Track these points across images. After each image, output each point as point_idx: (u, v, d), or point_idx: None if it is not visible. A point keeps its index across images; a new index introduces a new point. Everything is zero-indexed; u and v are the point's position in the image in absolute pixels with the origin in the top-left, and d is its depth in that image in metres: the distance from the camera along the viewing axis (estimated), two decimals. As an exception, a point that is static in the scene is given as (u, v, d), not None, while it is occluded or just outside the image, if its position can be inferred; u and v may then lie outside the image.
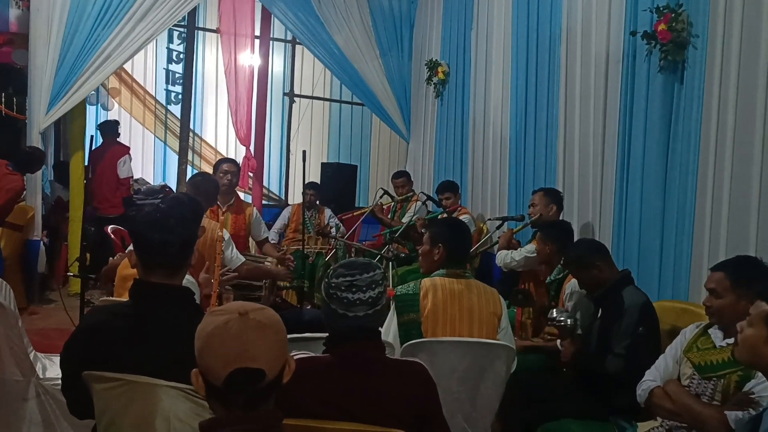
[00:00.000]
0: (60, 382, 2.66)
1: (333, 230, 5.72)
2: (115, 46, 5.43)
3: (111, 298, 2.67)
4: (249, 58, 6.06)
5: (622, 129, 3.69)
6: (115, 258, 3.80)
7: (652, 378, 2.40)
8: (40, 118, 5.33)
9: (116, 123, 6.48)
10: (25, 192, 5.17)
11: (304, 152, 4.26)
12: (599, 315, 2.92)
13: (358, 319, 1.66)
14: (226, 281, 2.77)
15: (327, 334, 1.77)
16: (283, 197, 8.59)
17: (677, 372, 2.39)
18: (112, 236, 4.58)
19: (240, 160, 8.27)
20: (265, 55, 6.59)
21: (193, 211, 2.00)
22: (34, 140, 5.38)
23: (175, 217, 1.91)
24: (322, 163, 7.86)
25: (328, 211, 5.85)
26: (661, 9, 3.29)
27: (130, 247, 3.48)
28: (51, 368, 2.83)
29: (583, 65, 4.05)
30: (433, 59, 6.08)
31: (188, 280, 2.19)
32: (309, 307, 4.83)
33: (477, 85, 5.43)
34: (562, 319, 2.89)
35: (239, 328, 1.18)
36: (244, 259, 3.35)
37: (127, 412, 1.78)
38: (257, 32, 6.44)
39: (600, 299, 2.92)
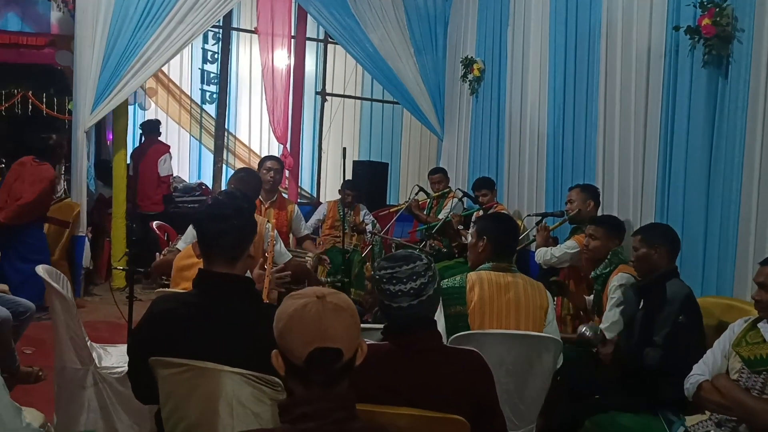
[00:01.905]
0: (116, 370, 2.79)
1: (369, 227, 5.78)
2: (156, 47, 5.57)
3: (167, 290, 2.75)
4: (285, 58, 6.16)
5: (664, 124, 3.67)
6: (164, 252, 3.92)
7: (700, 372, 2.41)
8: (86, 117, 5.49)
9: (158, 122, 6.64)
10: (58, 182, 5.29)
11: (344, 149, 4.32)
12: (641, 306, 2.93)
13: (402, 310, 1.71)
14: (279, 278, 2.82)
15: (383, 325, 1.83)
16: (315, 195, 8.68)
17: (726, 366, 2.40)
18: (157, 232, 4.70)
19: (275, 158, 8.49)
20: (300, 54, 6.67)
21: (248, 203, 2.09)
22: (79, 139, 5.55)
23: (231, 208, 2.00)
24: (354, 161, 7.92)
25: (363, 209, 5.91)
26: (705, 3, 3.27)
27: (179, 242, 3.59)
28: (106, 358, 2.94)
29: (623, 60, 4.03)
30: (469, 56, 6.09)
31: None
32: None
33: (513, 81, 5.43)
34: (583, 330, 2.91)
35: (318, 310, 1.24)
36: (290, 256, 3.42)
37: (192, 397, 1.86)
38: (293, 32, 6.53)
39: (644, 290, 2.93)
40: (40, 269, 2.74)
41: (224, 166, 7.96)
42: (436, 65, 6.73)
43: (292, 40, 6.36)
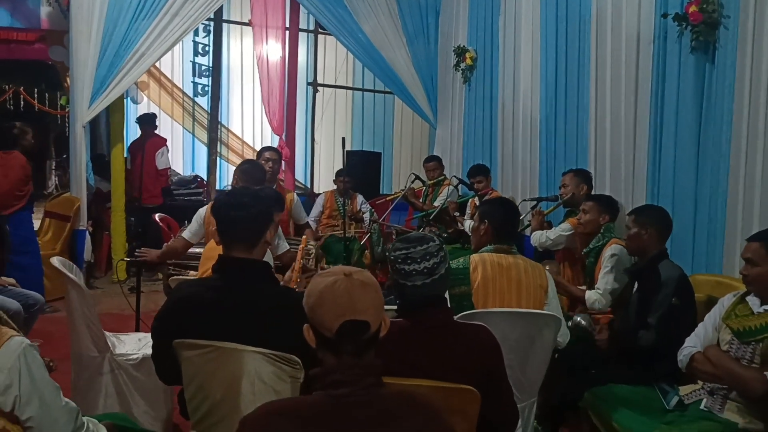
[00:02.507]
0: (131, 357, 2.88)
1: (366, 215, 5.88)
2: (151, 41, 5.61)
3: (182, 277, 2.84)
4: (279, 50, 6.21)
5: (654, 109, 3.79)
6: (169, 243, 4.00)
7: (692, 344, 2.53)
8: (83, 112, 5.52)
9: (154, 116, 6.68)
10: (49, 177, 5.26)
11: (343, 139, 4.40)
12: (635, 289, 3.06)
13: (416, 288, 1.83)
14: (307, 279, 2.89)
15: (396, 307, 1.93)
16: (308, 185, 8.76)
17: (716, 338, 2.52)
18: (160, 224, 4.77)
19: (269, 149, 8.54)
20: (293, 45, 6.73)
21: (265, 192, 2.18)
22: (78, 134, 5.58)
23: (248, 196, 2.10)
24: (347, 151, 7.98)
25: (360, 197, 6.00)
26: (693, -9, 3.38)
27: (184, 231, 3.67)
28: (120, 345, 3.02)
29: (613, 47, 4.14)
30: (461, 45, 6.18)
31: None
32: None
33: (506, 69, 5.53)
34: (578, 320, 3.02)
35: (346, 286, 1.35)
36: (288, 247, 3.50)
37: (216, 376, 1.96)
38: (287, 24, 6.58)
39: (637, 273, 3.06)
40: (55, 260, 2.82)
41: (218, 159, 8.01)
42: (429, 54, 6.82)
43: (286, 31, 6.41)
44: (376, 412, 1.30)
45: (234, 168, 8.41)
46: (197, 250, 3.73)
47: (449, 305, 2.51)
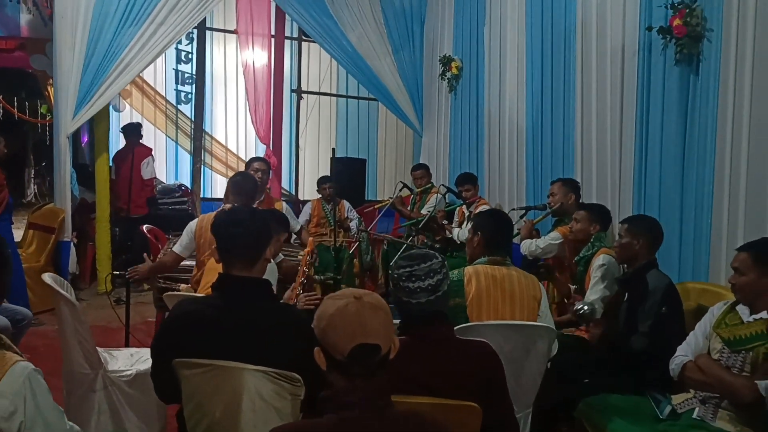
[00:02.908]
0: (124, 373, 2.86)
1: (353, 222, 5.89)
2: (137, 51, 5.57)
3: (175, 293, 2.82)
4: (264, 58, 6.21)
5: (639, 119, 3.86)
6: (160, 255, 3.97)
7: (684, 353, 2.57)
8: (67, 122, 5.46)
9: (139, 125, 6.62)
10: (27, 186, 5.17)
11: (333, 150, 4.40)
12: (626, 298, 3.11)
13: (421, 305, 1.85)
14: (309, 301, 2.87)
15: (398, 321, 1.95)
16: (293, 193, 8.74)
17: (707, 347, 2.56)
18: (148, 235, 4.73)
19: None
20: (279, 53, 6.73)
21: (263, 209, 2.19)
22: (62, 144, 5.51)
23: (247, 213, 2.11)
24: (332, 158, 8.00)
25: (346, 204, 6.00)
26: (677, 5, 3.45)
27: (175, 245, 3.65)
28: (112, 361, 2.99)
29: (599, 58, 4.21)
30: (446, 55, 6.23)
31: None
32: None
33: (491, 79, 5.59)
34: (579, 306, 3.10)
35: (357, 309, 1.36)
36: (283, 257, 3.50)
37: (216, 395, 1.95)
38: (272, 31, 6.58)
39: (626, 282, 3.11)
40: (47, 277, 2.79)
41: (202, 167, 7.96)
42: (414, 63, 6.86)
43: (272, 39, 6.41)
44: None
45: (216, 175, 8.48)
46: (188, 262, 3.72)
47: (445, 318, 2.54)
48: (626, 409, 2.59)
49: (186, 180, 8.10)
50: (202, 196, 7.51)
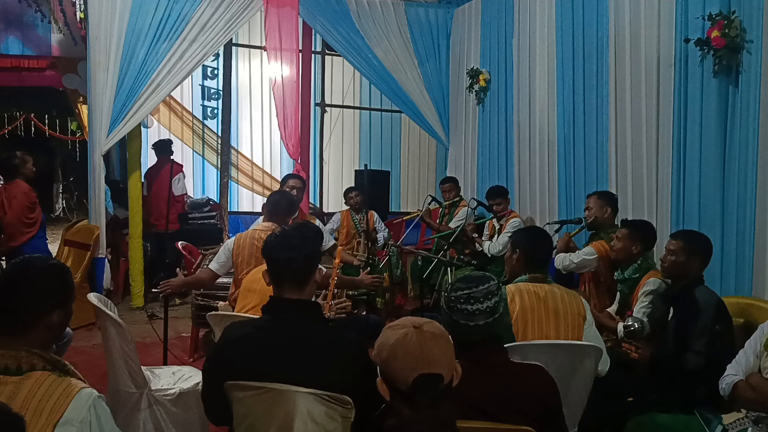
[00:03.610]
0: (168, 392, 2.89)
1: (380, 234, 5.90)
2: (168, 70, 5.65)
3: (220, 312, 2.84)
4: (293, 74, 6.26)
5: (677, 132, 3.81)
6: (197, 273, 4.00)
7: (734, 372, 2.53)
8: (102, 141, 5.54)
9: (169, 142, 6.71)
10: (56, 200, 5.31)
11: (366, 166, 4.41)
12: (671, 314, 3.05)
13: (479, 328, 1.83)
14: (339, 308, 2.90)
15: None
16: (317, 205, 8.78)
17: (758, 365, 2.52)
18: (183, 251, 4.78)
19: (279, 171, 8.59)
20: (306, 69, 6.78)
21: (314, 231, 2.20)
22: (96, 162, 5.60)
23: (297, 237, 2.12)
24: (356, 170, 8.03)
25: (375, 215, 6.01)
26: (714, 16, 3.41)
27: (211, 262, 3.68)
28: (155, 380, 3.01)
29: (633, 69, 4.17)
30: (474, 67, 6.22)
31: None
32: (364, 312, 4.99)
33: (521, 91, 5.57)
34: (629, 323, 3.03)
35: (418, 339, 1.36)
36: (324, 270, 3.51)
37: (268, 417, 1.96)
38: (300, 46, 6.63)
39: (673, 298, 3.05)
40: (92, 297, 2.83)
41: (229, 181, 8.04)
42: (440, 75, 6.86)
43: (299, 54, 6.47)
44: None
45: (242, 189, 8.56)
46: (225, 280, 3.74)
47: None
48: (675, 429, 2.55)
49: (213, 194, 8.19)
50: (229, 210, 7.57)
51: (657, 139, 3.98)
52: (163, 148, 6.52)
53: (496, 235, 5.25)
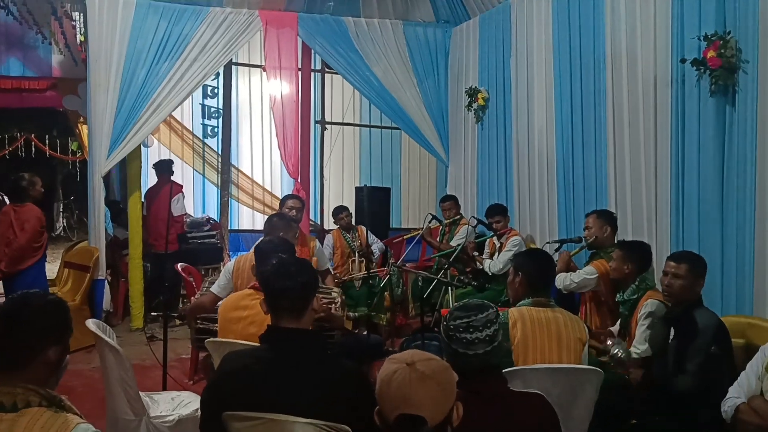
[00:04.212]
0: (167, 419, 2.86)
1: (374, 246, 5.88)
2: (168, 91, 5.68)
3: (218, 339, 2.82)
4: (292, 93, 6.29)
5: (675, 150, 3.82)
6: (197, 296, 3.99)
7: (736, 395, 2.51)
8: (101, 162, 5.56)
9: (170, 162, 6.72)
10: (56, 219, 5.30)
11: (365, 186, 4.41)
12: (672, 336, 3.04)
13: (478, 357, 1.82)
14: (323, 304, 2.91)
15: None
16: (318, 222, 8.78)
17: (760, 388, 2.50)
18: (182, 273, 4.77)
19: (279, 189, 8.61)
20: (306, 88, 6.82)
21: (292, 252, 2.20)
22: (96, 184, 5.61)
23: (295, 265, 2.12)
24: (356, 187, 8.04)
25: (365, 229, 6.00)
26: (710, 36, 3.43)
27: (212, 285, 3.68)
28: (153, 406, 2.99)
29: (630, 89, 4.19)
30: (472, 86, 6.25)
31: None
32: (365, 332, 4.97)
33: (519, 109, 5.59)
34: (615, 351, 2.98)
35: (404, 377, 1.35)
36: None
37: (267, 448, 1.95)
38: (299, 65, 6.68)
39: (673, 320, 3.04)
40: (91, 324, 2.82)
41: (230, 200, 8.04)
42: (439, 93, 6.89)
43: (299, 73, 6.51)
44: None
45: (243, 207, 8.56)
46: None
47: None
48: (679, 453, 2.53)
49: (213, 213, 8.19)
50: (229, 228, 7.56)
51: (655, 157, 3.99)
52: (163, 167, 6.53)
53: (496, 254, 5.24)
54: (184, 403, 3.03)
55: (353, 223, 6.02)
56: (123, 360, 2.74)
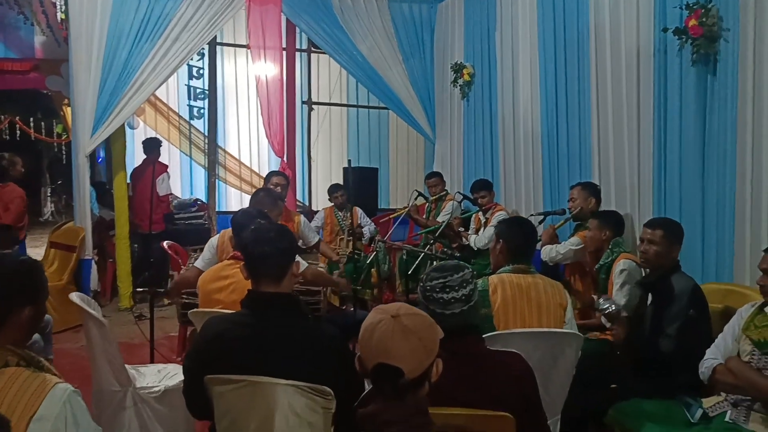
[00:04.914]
0: (153, 389, 2.88)
1: (365, 229, 5.90)
2: (151, 69, 5.63)
3: (202, 309, 2.84)
4: (277, 71, 6.25)
5: (657, 121, 3.84)
6: (182, 271, 4.00)
7: (713, 356, 2.55)
8: (85, 142, 5.52)
9: (157, 140, 6.69)
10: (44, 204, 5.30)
11: (350, 161, 4.43)
12: (650, 302, 3.08)
13: (455, 316, 1.84)
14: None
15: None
16: (306, 203, 8.78)
17: (737, 350, 2.54)
18: (168, 251, 4.77)
19: (267, 170, 8.57)
20: (291, 66, 6.78)
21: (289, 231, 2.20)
22: (80, 163, 5.57)
23: (273, 230, 2.13)
24: (344, 168, 8.03)
25: (359, 211, 6.02)
26: (691, 5, 3.44)
27: (197, 260, 3.68)
28: (140, 378, 3.01)
29: (613, 60, 4.20)
30: (458, 62, 6.24)
31: None
32: (352, 308, 5.00)
33: (504, 84, 5.59)
34: (606, 306, 3.04)
35: (387, 329, 1.36)
36: (307, 264, 3.51)
37: (249, 411, 1.97)
38: (284, 44, 6.64)
39: (650, 285, 3.08)
40: (74, 296, 2.82)
41: (217, 181, 8.01)
42: (425, 71, 6.88)
43: (283, 52, 6.46)
44: None
45: (230, 189, 8.54)
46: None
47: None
48: (657, 414, 2.57)
49: (201, 194, 8.17)
50: (217, 209, 7.55)
51: (638, 128, 4.01)
52: (151, 146, 6.49)
53: (482, 229, 5.27)
54: (171, 374, 3.04)
55: (346, 203, 6.02)
56: (106, 331, 2.75)
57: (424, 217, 5.88)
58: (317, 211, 6.69)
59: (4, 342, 1.55)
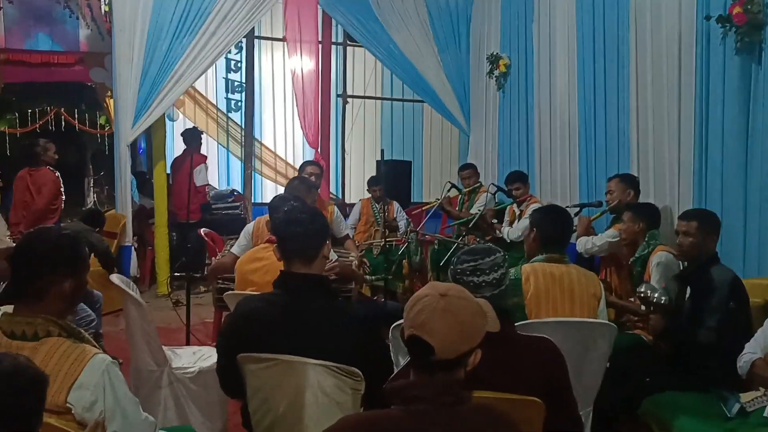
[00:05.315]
0: (188, 370, 2.95)
1: (401, 223, 5.91)
2: (190, 61, 5.75)
3: (236, 292, 2.89)
4: (312, 64, 6.31)
5: (699, 111, 3.75)
6: (218, 257, 4.08)
7: (752, 350, 2.49)
8: (127, 132, 5.67)
9: (198, 131, 6.82)
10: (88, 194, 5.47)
11: (382, 151, 4.44)
12: (688, 294, 3.02)
13: (485, 300, 1.83)
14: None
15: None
16: (339, 196, 8.83)
17: (777, 344, 2.48)
18: (205, 238, 4.87)
19: (301, 162, 8.63)
20: (326, 59, 6.82)
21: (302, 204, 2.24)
22: (122, 153, 5.73)
23: (306, 213, 2.16)
24: (377, 161, 8.04)
25: (396, 205, 6.03)
26: (735, -8, 3.34)
27: (233, 246, 3.75)
28: (176, 359, 3.08)
29: (654, 49, 4.11)
30: (494, 53, 6.19)
31: None
32: (383, 299, 5.02)
33: (541, 75, 5.52)
34: (656, 296, 2.89)
35: (429, 303, 1.36)
36: (337, 257, 3.54)
37: (280, 389, 2.00)
38: (320, 37, 6.69)
39: (688, 277, 3.01)
40: (114, 278, 2.91)
41: (253, 173, 8.13)
42: (460, 62, 6.84)
43: (319, 45, 6.51)
44: (453, 430, 1.31)
45: (266, 180, 8.64)
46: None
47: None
48: (693, 408, 2.52)
49: (237, 186, 8.29)
50: (253, 201, 7.66)
51: (679, 119, 3.92)
52: (192, 137, 6.62)
53: (516, 221, 5.22)
54: (205, 356, 3.11)
55: (384, 196, 6.02)
56: (145, 312, 2.83)
57: (457, 209, 5.85)
58: (351, 204, 6.73)
59: (47, 313, 1.61)
